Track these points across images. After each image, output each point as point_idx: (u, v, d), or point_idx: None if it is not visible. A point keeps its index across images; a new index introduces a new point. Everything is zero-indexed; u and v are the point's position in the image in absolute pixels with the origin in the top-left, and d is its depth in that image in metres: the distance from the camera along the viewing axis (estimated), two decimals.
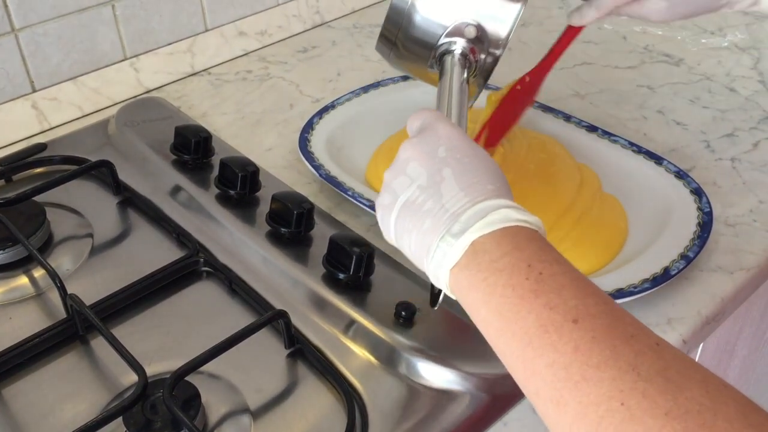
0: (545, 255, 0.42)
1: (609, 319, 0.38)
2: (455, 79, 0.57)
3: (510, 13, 0.59)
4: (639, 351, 0.36)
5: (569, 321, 0.38)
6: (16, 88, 0.87)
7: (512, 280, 0.41)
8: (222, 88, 0.98)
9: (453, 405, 0.57)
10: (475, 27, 0.59)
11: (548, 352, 0.38)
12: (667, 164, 0.76)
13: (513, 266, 0.41)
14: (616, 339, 0.37)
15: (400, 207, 0.47)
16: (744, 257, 0.70)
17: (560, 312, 0.39)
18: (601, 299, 0.40)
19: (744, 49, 1.04)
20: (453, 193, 0.45)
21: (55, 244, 0.72)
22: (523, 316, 0.40)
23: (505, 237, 0.43)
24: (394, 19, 0.60)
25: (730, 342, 0.86)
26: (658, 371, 0.35)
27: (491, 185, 0.45)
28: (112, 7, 0.91)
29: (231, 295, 0.66)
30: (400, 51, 0.62)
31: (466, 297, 0.43)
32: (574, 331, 0.38)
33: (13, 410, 0.57)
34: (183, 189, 0.77)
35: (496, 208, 0.44)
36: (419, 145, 0.48)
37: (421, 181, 0.47)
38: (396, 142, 0.82)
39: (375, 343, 0.61)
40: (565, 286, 0.40)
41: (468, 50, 0.60)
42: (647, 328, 0.38)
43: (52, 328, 0.62)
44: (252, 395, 0.58)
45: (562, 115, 0.84)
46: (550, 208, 0.72)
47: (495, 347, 0.42)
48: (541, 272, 0.41)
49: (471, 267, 0.43)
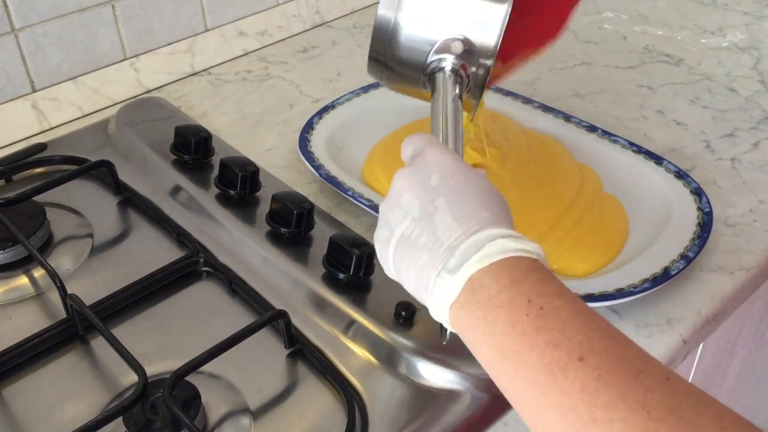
0: (546, 287, 0.40)
1: (615, 355, 0.37)
2: (448, 97, 0.56)
3: (496, 20, 0.57)
4: (648, 387, 0.35)
5: (574, 359, 0.37)
6: (16, 88, 0.87)
7: (512, 317, 0.39)
8: (222, 88, 0.98)
9: (453, 405, 0.57)
10: (461, 42, 0.57)
11: (554, 393, 0.37)
12: (667, 164, 0.76)
13: (512, 302, 0.40)
14: (624, 376, 0.36)
15: (396, 241, 0.46)
16: (744, 257, 0.70)
17: (564, 350, 0.37)
18: (606, 333, 0.38)
19: (744, 49, 1.04)
20: (447, 224, 0.44)
21: (55, 244, 0.72)
22: (525, 354, 0.38)
23: (504, 270, 0.41)
24: (380, 41, 0.59)
25: (730, 342, 0.86)
26: (670, 409, 0.34)
27: (486, 212, 0.44)
28: (112, 7, 0.91)
29: (231, 295, 0.66)
30: (391, 72, 0.61)
31: (467, 335, 0.42)
32: (580, 369, 0.36)
33: (13, 410, 0.57)
34: (183, 189, 0.77)
35: (492, 239, 0.42)
36: (412, 174, 0.47)
37: (415, 213, 0.45)
38: (391, 142, 0.82)
39: (375, 343, 0.61)
40: (568, 321, 0.38)
41: (458, 66, 0.58)
42: (655, 360, 0.37)
43: (52, 328, 0.62)
44: (252, 395, 0.58)
45: (562, 115, 0.84)
46: (550, 208, 0.72)
47: (498, 385, 0.41)
48: (542, 307, 0.39)
49: (470, 304, 0.41)
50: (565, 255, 0.68)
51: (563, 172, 0.77)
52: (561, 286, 0.41)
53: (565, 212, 0.72)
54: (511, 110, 0.85)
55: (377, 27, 0.58)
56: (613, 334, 0.38)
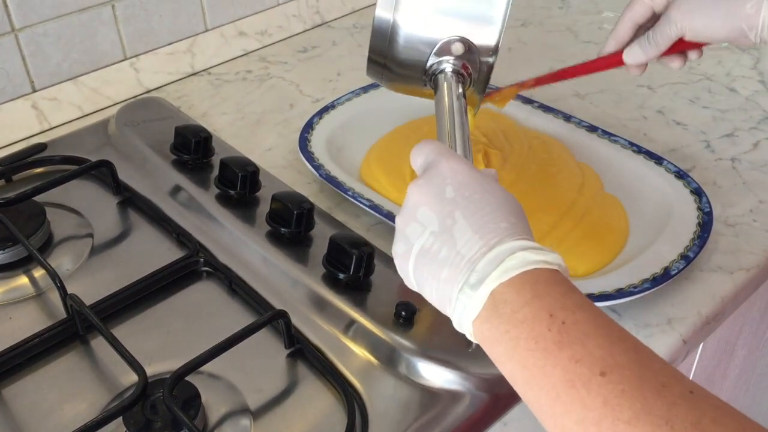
0: (568, 301, 0.40)
1: (638, 369, 0.37)
2: (454, 99, 0.55)
3: (496, 18, 0.56)
4: (672, 403, 0.35)
5: (596, 374, 0.37)
6: (16, 88, 0.87)
7: (534, 332, 0.40)
8: (222, 88, 0.98)
9: (453, 405, 0.57)
10: (461, 43, 0.56)
11: (577, 408, 0.37)
12: (667, 164, 0.76)
13: (534, 317, 0.40)
14: (647, 391, 0.36)
15: (415, 256, 0.46)
16: (744, 257, 0.70)
17: (586, 364, 0.37)
18: (628, 345, 0.38)
19: (744, 49, 1.04)
20: (467, 237, 0.43)
21: (55, 244, 0.72)
22: (548, 371, 0.39)
23: (525, 284, 0.41)
24: (379, 43, 0.58)
25: (730, 342, 0.86)
26: (693, 423, 0.34)
27: (504, 222, 0.44)
28: (112, 7, 0.91)
29: (231, 295, 0.66)
30: (391, 74, 0.60)
31: (491, 350, 0.42)
32: (602, 385, 0.36)
33: (13, 410, 0.57)
34: (183, 189, 0.77)
35: (512, 252, 0.42)
36: (426, 187, 0.47)
37: (434, 227, 0.45)
38: (388, 141, 0.82)
39: (375, 343, 0.61)
40: (590, 335, 0.38)
41: (460, 66, 0.57)
42: (679, 373, 0.37)
43: (52, 328, 0.62)
44: (252, 395, 0.58)
45: (562, 115, 0.84)
46: (551, 208, 0.72)
47: (524, 399, 0.41)
48: (563, 321, 0.39)
49: (492, 320, 0.41)
50: (565, 255, 0.67)
51: (564, 172, 0.77)
52: (582, 298, 0.41)
53: (565, 212, 0.72)
54: (511, 110, 0.85)
55: (375, 29, 0.57)
56: (635, 346, 0.38)
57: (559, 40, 1.08)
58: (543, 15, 1.14)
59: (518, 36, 1.08)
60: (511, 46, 1.05)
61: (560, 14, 1.14)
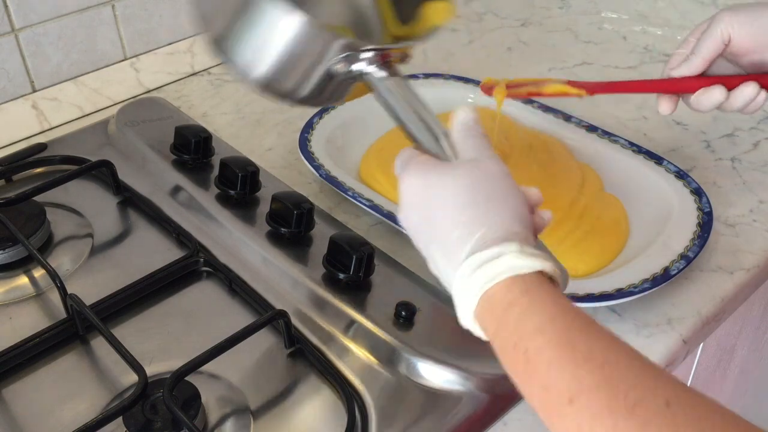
0: (527, 324, 0.40)
1: (607, 390, 0.36)
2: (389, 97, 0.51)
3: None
4: (645, 422, 0.35)
5: (565, 403, 0.37)
6: (17, 88, 0.87)
7: (506, 361, 0.42)
8: (222, 88, 0.98)
9: (453, 405, 0.57)
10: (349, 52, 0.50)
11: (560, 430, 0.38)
12: (667, 164, 0.76)
13: (502, 348, 0.42)
14: (618, 412, 0.35)
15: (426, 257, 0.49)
16: (744, 257, 0.70)
17: (554, 393, 0.38)
18: (595, 364, 0.37)
19: None
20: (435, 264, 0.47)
21: (55, 244, 0.72)
22: (528, 397, 0.40)
23: (485, 313, 0.43)
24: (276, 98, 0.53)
25: (730, 342, 0.86)
26: None
27: (457, 230, 0.45)
28: (112, 7, 0.91)
29: (231, 295, 0.66)
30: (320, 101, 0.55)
31: None
32: (573, 412, 0.37)
33: (13, 410, 0.57)
34: (183, 189, 0.77)
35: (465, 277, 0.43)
36: (402, 195, 0.49)
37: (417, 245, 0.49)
38: (388, 141, 0.82)
39: (375, 343, 0.61)
40: (553, 362, 0.38)
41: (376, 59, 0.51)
42: (657, 382, 0.37)
43: (52, 328, 0.62)
44: (252, 395, 0.58)
45: (562, 115, 0.84)
46: (551, 208, 0.72)
47: None
48: (526, 350, 0.40)
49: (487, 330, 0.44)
50: (565, 255, 0.68)
51: (564, 172, 0.77)
52: (542, 318, 0.40)
53: (566, 212, 0.72)
54: (511, 110, 0.85)
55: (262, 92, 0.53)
56: (603, 362, 0.38)
57: (559, 40, 1.08)
58: (543, 15, 1.14)
59: (518, 36, 1.08)
60: (511, 46, 1.05)
61: (560, 14, 1.14)
